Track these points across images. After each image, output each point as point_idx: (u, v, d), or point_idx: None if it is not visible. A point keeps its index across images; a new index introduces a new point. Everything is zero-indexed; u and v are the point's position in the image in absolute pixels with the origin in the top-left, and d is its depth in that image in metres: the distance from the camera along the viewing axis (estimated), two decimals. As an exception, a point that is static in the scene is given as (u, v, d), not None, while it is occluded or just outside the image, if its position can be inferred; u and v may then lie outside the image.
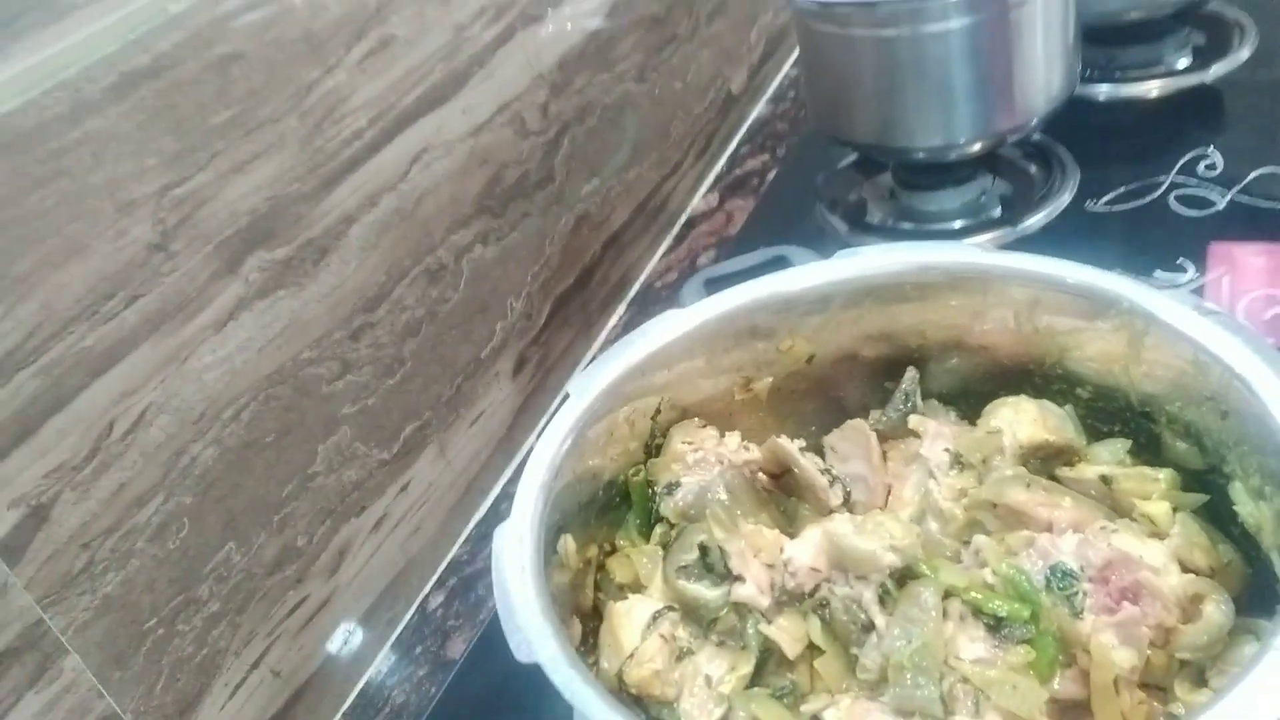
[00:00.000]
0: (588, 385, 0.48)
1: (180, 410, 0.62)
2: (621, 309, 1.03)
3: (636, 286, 1.05)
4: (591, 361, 0.50)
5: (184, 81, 0.61)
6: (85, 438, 0.57)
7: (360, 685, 0.74)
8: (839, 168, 0.96)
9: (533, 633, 0.36)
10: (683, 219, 1.11)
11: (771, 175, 1.12)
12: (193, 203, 0.62)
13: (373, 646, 0.76)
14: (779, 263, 0.53)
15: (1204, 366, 0.43)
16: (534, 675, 0.65)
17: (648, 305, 1.01)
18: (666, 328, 0.50)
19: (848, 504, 0.50)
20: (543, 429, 0.47)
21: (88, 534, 0.58)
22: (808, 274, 0.52)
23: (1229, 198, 0.81)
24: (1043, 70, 0.80)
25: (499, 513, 0.86)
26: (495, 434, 0.88)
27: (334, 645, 0.73)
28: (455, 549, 0.83)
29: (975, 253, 0.50)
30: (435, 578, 0.81)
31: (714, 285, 0.53)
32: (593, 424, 0.47)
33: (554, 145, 0.93)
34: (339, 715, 0.73)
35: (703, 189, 1.15)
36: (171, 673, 0.62)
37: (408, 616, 0.78)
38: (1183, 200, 0.83)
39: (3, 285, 0.53)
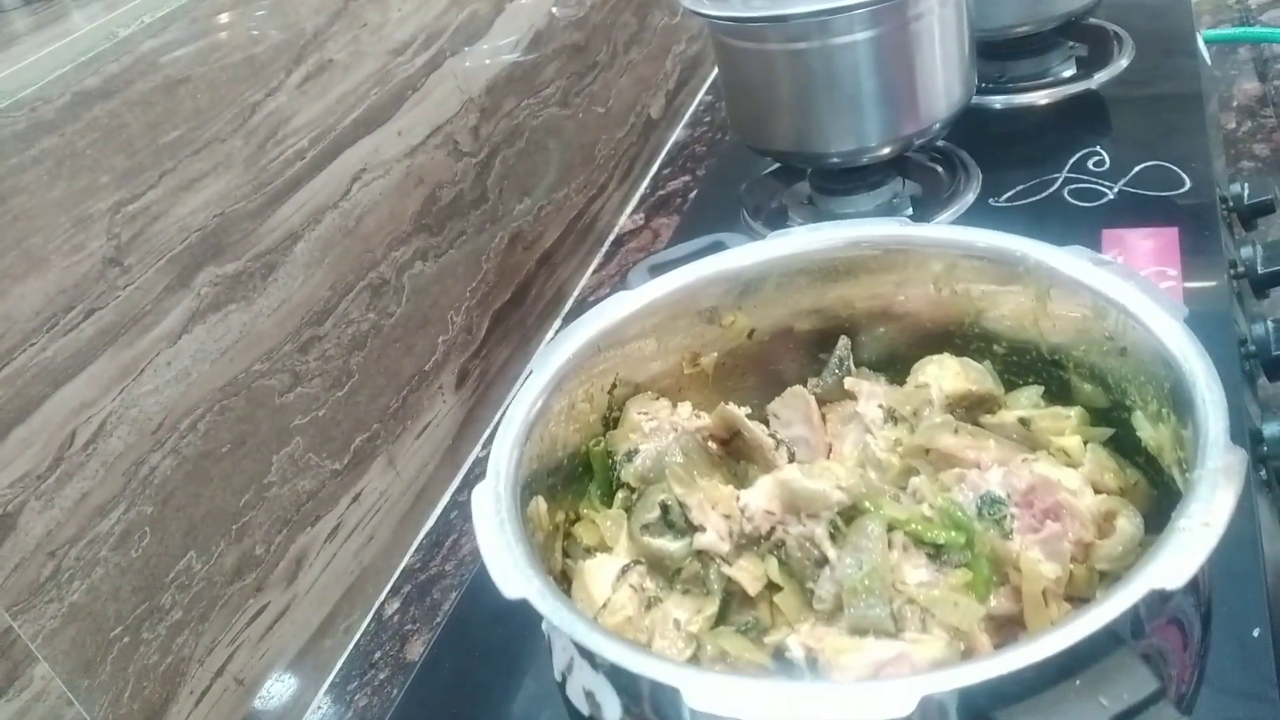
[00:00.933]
0: (547, 361, 0.51)
1: (139, 421, 0.63)
2: (557, 324, 1.06)
3: (570, 302, 1.08)
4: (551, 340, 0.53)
5: (134, 102, 0.63)
6: (48, 447, 0.58)
7: (321, 691, 0.75)
8: (760, 176, 1.01)
9: (518, 568, 0.38)
10: (611, 237, 1.15)
11: (693, 194, 1.16)
12: (145, 219, 0.64)
13: (333, 654, 0.77)
14: (716, 247, 0.57)
15: (1102, 311, 0.48)
16: (495, 664, 0.68)
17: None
18: (617, 307, 0.53)
19: (793, 463, 0.54)
20: (497, 422, 0.50)
21: (53, 542, 0.58)
22: (745, 254, 0.56)
23: (1117, 189, 0.88)
24: (942, 77, 0.86)
25: (449, 521, 0.88)
26: (441, 445, 0.90)
27: (294, 653, 0.74)
28: (408, 558, 0.85)
29: (895, 226, 0.55)
30: (390, 585, 0.82)
31: (658, 270, 0.56)
32: (555, 398, 0.50)
33: (486, 166, 0.96)
34: (303, 722, 0.74)
35: (629, 209, 1.19)
36: (138, 680, 0.63)
37: (365, 624, 0.79)
38: (1076, 194, 0.90)
39: (-36, 297, 0.54)
